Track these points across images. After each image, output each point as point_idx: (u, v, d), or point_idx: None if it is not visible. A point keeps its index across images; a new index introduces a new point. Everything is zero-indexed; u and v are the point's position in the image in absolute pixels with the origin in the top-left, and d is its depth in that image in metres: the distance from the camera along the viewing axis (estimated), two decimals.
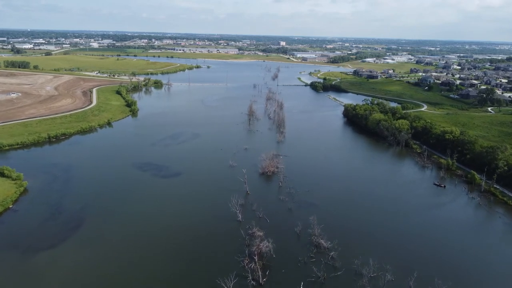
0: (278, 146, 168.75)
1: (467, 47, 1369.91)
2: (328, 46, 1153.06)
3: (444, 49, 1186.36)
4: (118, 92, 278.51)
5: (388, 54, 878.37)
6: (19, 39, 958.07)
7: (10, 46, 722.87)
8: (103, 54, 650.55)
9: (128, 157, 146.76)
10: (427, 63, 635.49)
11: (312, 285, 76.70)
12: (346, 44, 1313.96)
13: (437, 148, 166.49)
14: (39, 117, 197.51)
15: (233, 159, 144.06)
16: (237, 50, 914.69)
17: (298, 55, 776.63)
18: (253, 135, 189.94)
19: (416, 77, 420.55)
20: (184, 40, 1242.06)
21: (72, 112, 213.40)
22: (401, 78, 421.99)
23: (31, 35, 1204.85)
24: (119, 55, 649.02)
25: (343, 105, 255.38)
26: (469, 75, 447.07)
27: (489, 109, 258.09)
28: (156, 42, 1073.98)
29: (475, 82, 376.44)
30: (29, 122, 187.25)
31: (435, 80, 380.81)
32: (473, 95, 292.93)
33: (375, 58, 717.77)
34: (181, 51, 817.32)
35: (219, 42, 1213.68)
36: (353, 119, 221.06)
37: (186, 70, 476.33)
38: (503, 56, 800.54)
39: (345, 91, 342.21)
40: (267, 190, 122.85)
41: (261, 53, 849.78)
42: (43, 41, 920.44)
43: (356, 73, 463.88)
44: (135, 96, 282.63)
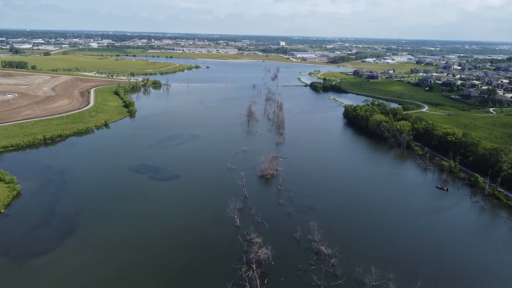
0: (278, 147, 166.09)
1: (467, 47, 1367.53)
2: (328, 46, 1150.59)
3: (444, 49, 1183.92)
4: (116, 93, 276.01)
5: (388, 54, 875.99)
6: (18, 39, 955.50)
7: (8, 46, 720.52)
8: (102, 54, 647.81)
9: (125, 159, 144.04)
10: (428, 63, 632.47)
11: None
12: (346, 44, 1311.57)
13: (439, 150, 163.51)
14: (35, 118, 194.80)
15: (231, 161, 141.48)
16: (237, 50, 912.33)
17: (298, 55, 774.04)
18: (252, 136, 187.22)
19: (416, 78, 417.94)
20: (184, 40, 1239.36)
21: (69, 113, 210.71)
22: (402, 79, 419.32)
23: (31, 35, 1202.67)
24: (118, 55, 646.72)
25: (343, 106, 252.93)
26: (470, 75, 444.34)
27: (491, 110, 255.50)
28: (156, 42, 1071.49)
29: (476, 82, 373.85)
30: (24, 123, 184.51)
31: (436, 81, 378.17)
32: (474, 95, 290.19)
33: (375, 58, 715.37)
34: (181, 51, 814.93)
35: (219, 42, 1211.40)
36: (353, 120, 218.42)
37: (185, 70, 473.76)
38: (503, 56, 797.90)
39: (345, 92, 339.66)
40: (266, 194, 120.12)
41: (260, 53, 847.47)
42: (42, 41, 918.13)
43: (356, 73, 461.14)
44: (133, 96, 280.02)
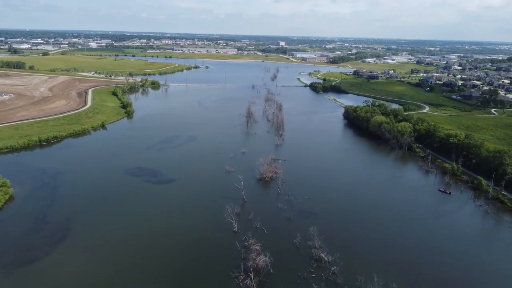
0: (277, 149, 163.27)
1: (467, 47, 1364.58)
2: (327, 46, 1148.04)
3: (444, 49, 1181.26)
4: (114, 93, 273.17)
5: (388, 54, 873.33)
6: (17, 39, 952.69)
7: (7, 46, 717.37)
8: (101, 54, 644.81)
9: (121, 162, 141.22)
10: (428, 64, 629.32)
11: None
12: (346, 44, 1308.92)
13: (442, 152, 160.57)
14: (31, 119, 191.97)
15: (229, 163, 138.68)
16: (236, 50, 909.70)
17: (298, 55, 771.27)
18: (251, 138, 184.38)
19: (417, 78, 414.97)
20: (183, 40, 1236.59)
21: (66, 114, 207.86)
22: (402, 79, 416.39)
23: (30, 35, 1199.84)
24: (117, 55, 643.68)
25: (344, 107, 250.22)
26: (471, 75, 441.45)
27: (493, 110, 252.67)
28: (155, 42, 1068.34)
29: (477, 83, 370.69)
30: (20, 124, 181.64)
31: (437, 81, 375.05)
32: (475, 96, 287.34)
33: (375, 58, 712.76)
34: (180, 51, 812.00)
35: (218, 42, 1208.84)
36: (353, 121, 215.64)
37: (184, 70, 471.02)
38: (503, 56, 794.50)
39: (345, 92, 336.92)
40: (265, 198, 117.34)
41: (260, 53, 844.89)
42: (41, 41, 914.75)
43: (356, 73, 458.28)
44: (131, 97, 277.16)
